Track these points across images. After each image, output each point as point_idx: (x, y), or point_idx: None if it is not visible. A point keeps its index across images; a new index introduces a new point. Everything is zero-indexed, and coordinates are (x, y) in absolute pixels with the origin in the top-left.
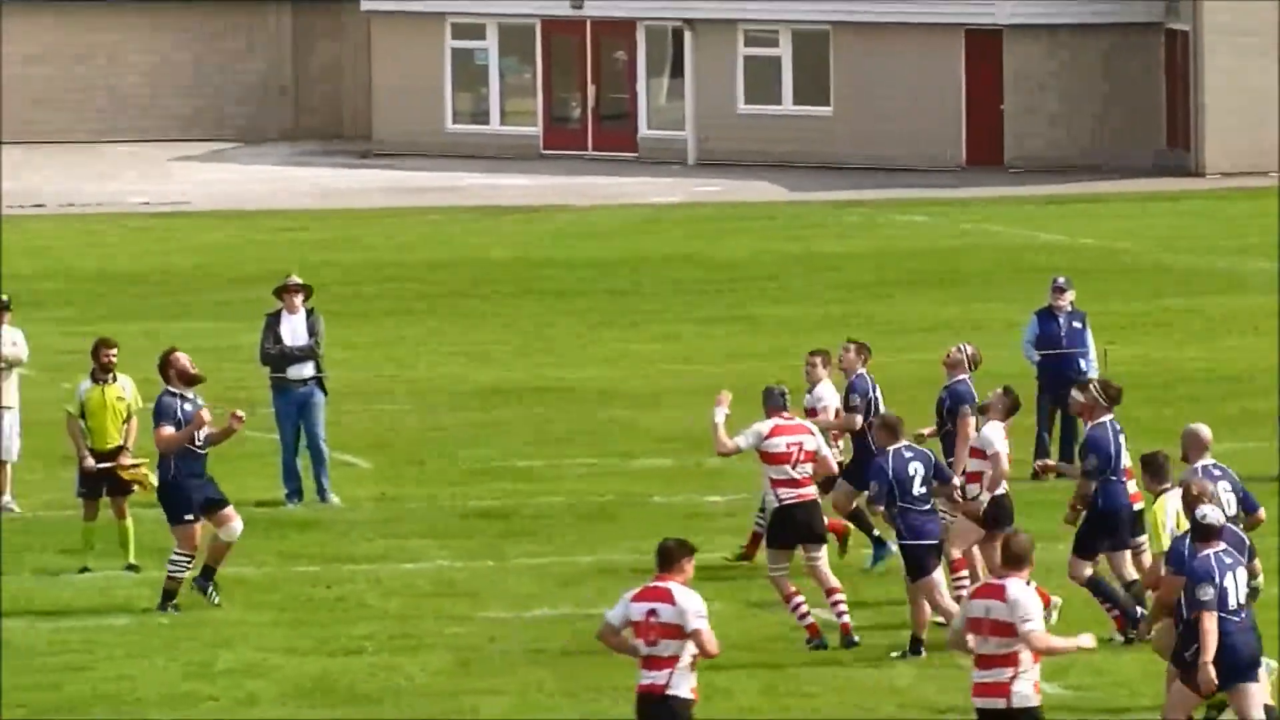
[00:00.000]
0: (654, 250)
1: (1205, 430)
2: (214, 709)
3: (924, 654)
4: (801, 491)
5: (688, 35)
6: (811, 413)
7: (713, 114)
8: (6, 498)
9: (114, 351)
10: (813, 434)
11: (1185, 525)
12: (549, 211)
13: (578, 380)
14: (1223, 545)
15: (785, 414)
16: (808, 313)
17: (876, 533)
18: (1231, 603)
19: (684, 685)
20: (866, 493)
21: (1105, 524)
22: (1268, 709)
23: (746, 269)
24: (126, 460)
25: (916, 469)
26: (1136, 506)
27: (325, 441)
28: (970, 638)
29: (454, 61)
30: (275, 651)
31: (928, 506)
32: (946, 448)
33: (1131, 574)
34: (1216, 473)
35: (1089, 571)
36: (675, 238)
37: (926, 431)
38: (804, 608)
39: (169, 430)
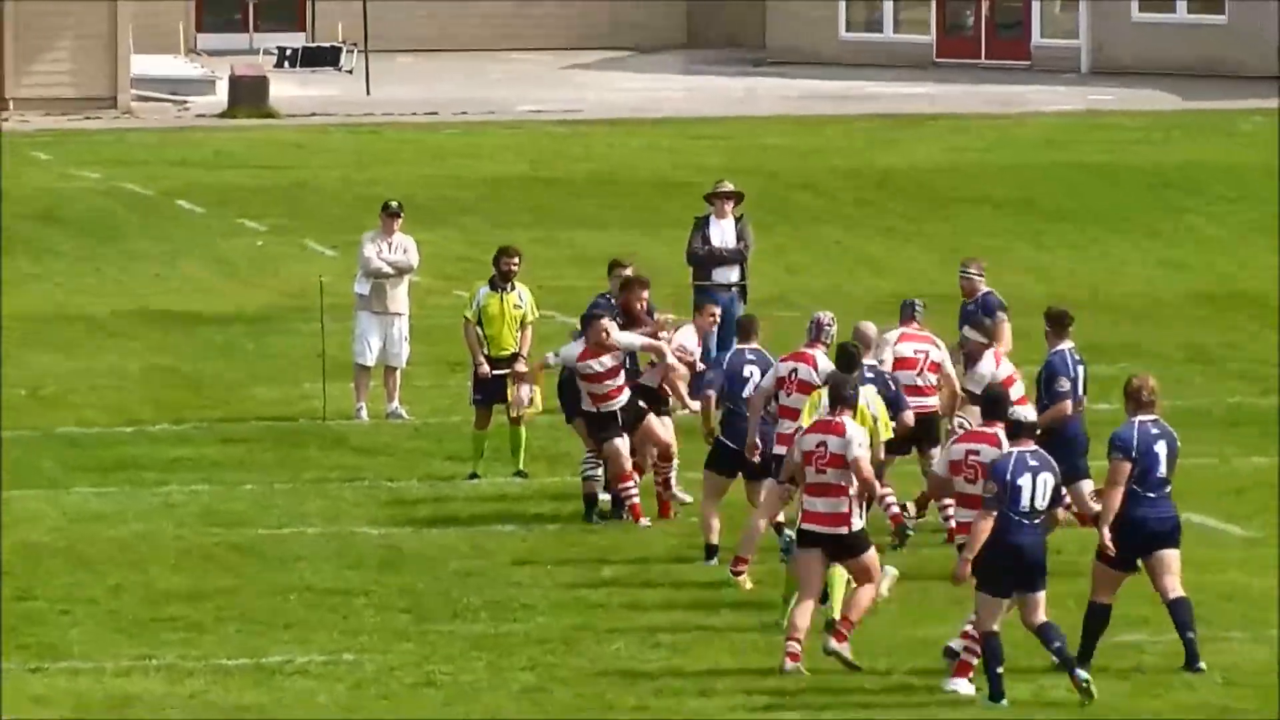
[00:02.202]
0: (1053, 159)
1: (869, 326)
2: (603, 615)
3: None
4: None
5: None
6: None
7: (1106, 22)
8: (395, 404)
9: (516, 260)
10: (938, 346)
11: None
12: (947, 120)
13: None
14: (1032, 446)
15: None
16: (1248, 217)
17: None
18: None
19: None
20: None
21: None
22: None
23: (1144, 179)
24: (521, 367)
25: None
26: None
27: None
28: None
29: None
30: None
31: None
32: None
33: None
34: (869, 376)
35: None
36: (1076, 147)
37: None
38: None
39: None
